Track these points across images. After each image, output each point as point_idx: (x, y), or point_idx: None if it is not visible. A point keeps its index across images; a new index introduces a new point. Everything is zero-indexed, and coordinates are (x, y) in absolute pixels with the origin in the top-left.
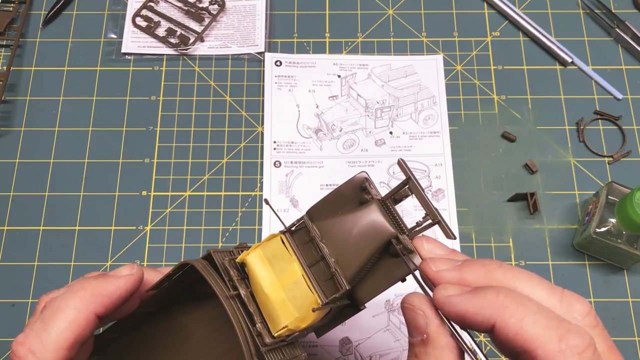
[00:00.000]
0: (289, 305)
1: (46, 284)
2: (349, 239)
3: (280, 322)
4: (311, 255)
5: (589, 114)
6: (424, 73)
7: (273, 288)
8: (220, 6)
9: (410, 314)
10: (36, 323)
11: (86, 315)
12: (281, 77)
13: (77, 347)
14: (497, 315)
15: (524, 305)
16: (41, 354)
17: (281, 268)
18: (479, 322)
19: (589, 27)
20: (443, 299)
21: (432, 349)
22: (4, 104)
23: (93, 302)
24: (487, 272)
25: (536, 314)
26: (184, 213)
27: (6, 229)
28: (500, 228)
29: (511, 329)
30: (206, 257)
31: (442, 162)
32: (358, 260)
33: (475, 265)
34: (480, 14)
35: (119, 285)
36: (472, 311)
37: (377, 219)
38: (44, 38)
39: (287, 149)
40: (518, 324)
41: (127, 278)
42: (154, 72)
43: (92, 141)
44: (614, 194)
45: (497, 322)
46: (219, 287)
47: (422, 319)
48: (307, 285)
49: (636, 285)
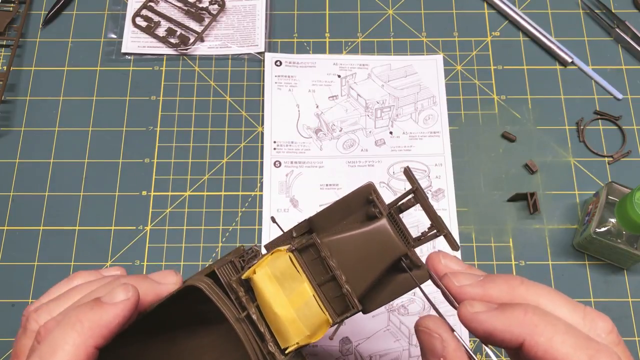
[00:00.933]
0: (300, 324)
1: (46, 284)
2: (359, 258)
3: (291, 340)
4: (320, 273)
5: (589, 114)
6: (424, 73)
7: (283, 307)
8: (220, 6)
9: (426, 338)
10: (33, 355)
11: (85, 349)
12: (281, 77)
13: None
14: (527, 333)
15: (552, 324)
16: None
17: (291, 288)
18: (507, 339)
19: (589, 27)
20: (470, 316)
21: None
22: (4, 104)
23: (91, 336)
24: (510, 288)
25: (565, 333)
26: (184, 213)
27: (6, 229)
28: (500, 228)
29: (540, 348)
30: (210, 274)
31: (442, 162)
32: (368, 279)
33: (497, 280)
34: (480, 14)
35: (117, 313)
36: (501, 329)
37: (387, 237)
38: (44, 38)
39: (287, 149)
40: (548, 342)
41: (124, 304)
42: (154, 72)
43: (92, 141)
44: (614, 194)
45: (526, 340)
46: (228, 310)
47: (439, 342)
48: (318, 304)
49: (636, 285)
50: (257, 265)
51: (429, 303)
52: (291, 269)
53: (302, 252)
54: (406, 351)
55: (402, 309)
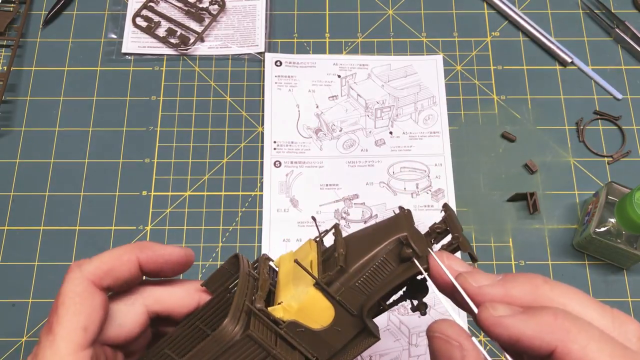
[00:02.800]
0: (290, 285)
1: (46, 284)
2: (365, 238)
3: (278, 299)
4: (328, 251)
5: (589, 114)
6: (423, 73)
7: (285, 275)
8: (220, 6)
9: (444, 346)
10: None
11: (129, 255)
12: (281, 77)
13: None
14: (559, 340)
15: (586, 330)
16: (83, 267)
17: (299, 259)
18: (536, 346)
19: (588, 27)
20: (494, 320)
21: None
22: (4, 104)
23: (139, 249)
24: (533, 287)
25: (600, 341)
26: (184, 213)
27: (6, 229)
28: (500, 228)
29: (574, 356)
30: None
31: (442, 162)
32: (364, 253)
33: (519, 280)
34: (480, 14)
35: (167, 249)
36: (530, 334)
37: (396, 222)
38: (44, 38)
39: (287, 149)
40: (582, 351)
41: (175, 248)
42: (154, 72)
43: (92, 141)
44: (614, 194)
45: (558, 348)
46: (243, 265)
47: (459, 351)
48: (310, 265)
49: (636, 285)
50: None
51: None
52: (307, 249)
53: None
54: (406, 351)
55: (402, 309)
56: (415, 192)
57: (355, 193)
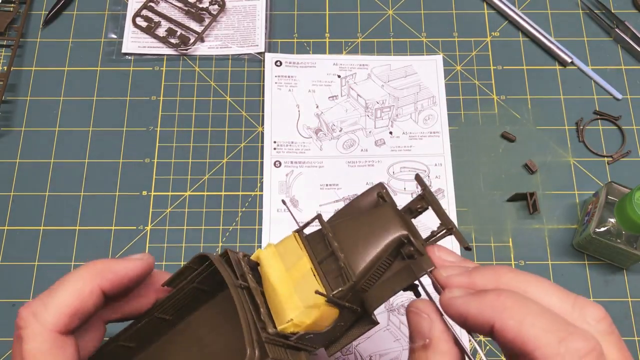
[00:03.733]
0: (296, 298)
1: (46, 284)
2: (360, 237)
3: (286, 316)
4: (322, 252)
5: (589, 114)
6: (423, 73)
7: (281, 281)
8: (220, 6)
9: (415, 318)
10: (44, 292)
11: (91, 287)
12: (281, 77)
13: (78, 317)
14: (497, 316)
15: (525, 306)
16: (41, 317)
17: (291, 262)
18: (479, 323)
19: (588, 27)
20: (447, 301)
21: (434, 354)
22: (4, 104)
23: (100, 276)
24: (496, 276)
25: (537, 316)
26: (184, 213)
27: (6, 229)
28: (499, 228)
29: (510, 331)
30: (222, 254)
31: (442, 162)
32: (367, 258)
33: (485, 270)
34: (480, 14)
35: (128, 265)
36: (474, 312)
37: (389, 218)
38: (44, 38)
39: (287, 149)
40: (517, 325)
41: (136, 261)
42: (154, 72)
43: (92, 141)
44: (614, 194)
45: (496, 323)
46: (228, 277)
47: (427, 322)
48: (315, 278)
49: (636, 285)
50: (267, 246)
51: (422, 287)
52: (294, 245)
53: (309, 236)
54: (406, 351)
55: (402, 309)
56: (416, 192)
57: (355, 193)
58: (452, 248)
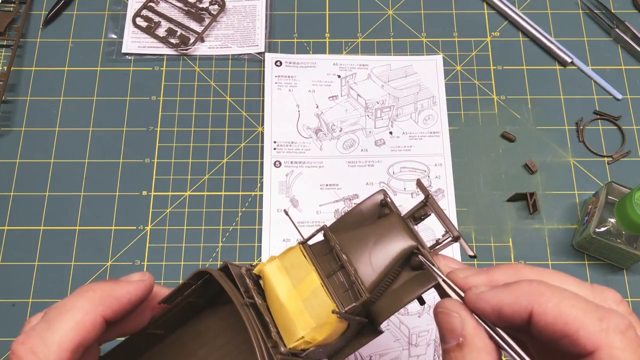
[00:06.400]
0: (306, 315)
1: (46, 284)
2: (369, 250)
3: (296, 333)
4: (330, 265)
5: (589, 114)
6: (423, 73)
7: (290, 298)
8: (221, 6)
9: (445, 318)
10: (39, 323)
11: (93, 317)
12: (281, 77)
13: (81, 351)
14: (535, 301)
15: (559, 291)
16: (43, 355)
17: (299, 277)
18: (516, 312)
19: (588, 27)
20: (475, 297)
21: (469, 352)
22: (4, 104)
23: (101, 304)
24: (515, 271)
25: (572, 298)
26: (184, 213)
27: (6, 229)
28: (499, 228)
29: (550, 314)
30: (222, 268)
31: (442, 162)
32: (378, 271)
33: (503, 266)
34: (480, 14)
35: (129, 289)
36: (508, 302)
37: (397, 231)
38: (44, 38)
39: (287, 149)
40: (556, 307)
41: (137, 283)
42: (154, 72)
43: (92, 141)
44: (614, 194)
45: (534, 309)
46: (234, 294)
47: (458, 321)
48: (326, 294)
49: (636, 285)
50: (269, 259)
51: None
52: (300, 259)
53: (314, 247)
54: (406, 351)
55: (402, 309)
56: (416, 192)
57: (355, 193)
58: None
